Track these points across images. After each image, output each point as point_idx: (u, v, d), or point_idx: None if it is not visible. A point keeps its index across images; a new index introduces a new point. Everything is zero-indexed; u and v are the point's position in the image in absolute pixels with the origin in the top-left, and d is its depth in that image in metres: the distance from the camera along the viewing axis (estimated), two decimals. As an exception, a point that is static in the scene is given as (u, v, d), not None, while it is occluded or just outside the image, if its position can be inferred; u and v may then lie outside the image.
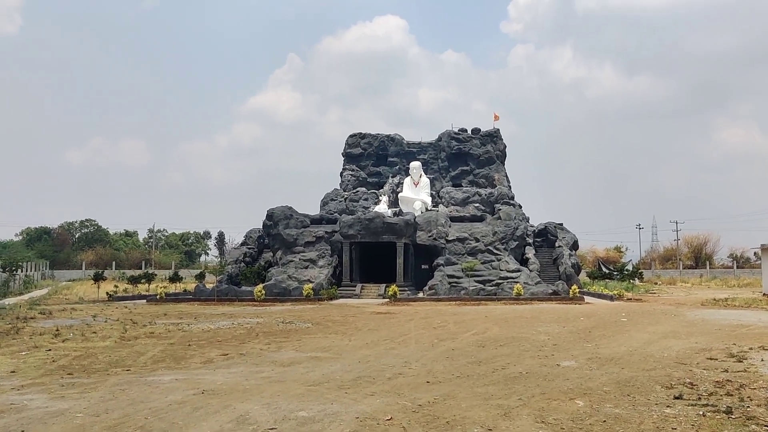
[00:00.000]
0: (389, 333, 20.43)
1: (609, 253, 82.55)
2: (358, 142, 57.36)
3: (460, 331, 21.04)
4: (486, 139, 56.34)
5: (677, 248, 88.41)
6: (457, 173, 55.76)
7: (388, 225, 41.74)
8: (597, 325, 22.75)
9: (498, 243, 42.97)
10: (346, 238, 42.03)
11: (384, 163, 57.11)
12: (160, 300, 37.10)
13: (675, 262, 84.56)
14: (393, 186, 54.10)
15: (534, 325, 22.72)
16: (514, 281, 39.29)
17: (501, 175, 54.89)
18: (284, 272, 41.64)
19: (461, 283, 39.56)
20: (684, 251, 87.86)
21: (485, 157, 55.50)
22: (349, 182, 55.59)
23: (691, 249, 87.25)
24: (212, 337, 19.34)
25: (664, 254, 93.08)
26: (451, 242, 42.83)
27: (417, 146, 57.15)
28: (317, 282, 39.78)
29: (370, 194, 53.07)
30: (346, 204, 52.31)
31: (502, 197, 51.19)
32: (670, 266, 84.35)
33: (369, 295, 39.14)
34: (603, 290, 41.29)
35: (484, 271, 40.86)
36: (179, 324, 23.36)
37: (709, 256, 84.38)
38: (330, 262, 42.67)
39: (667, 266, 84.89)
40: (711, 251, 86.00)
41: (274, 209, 45.57)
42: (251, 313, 28.92)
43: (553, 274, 44.61)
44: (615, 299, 36.85)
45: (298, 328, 21.94)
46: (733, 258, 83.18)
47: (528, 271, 41.73)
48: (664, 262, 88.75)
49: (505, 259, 42.04)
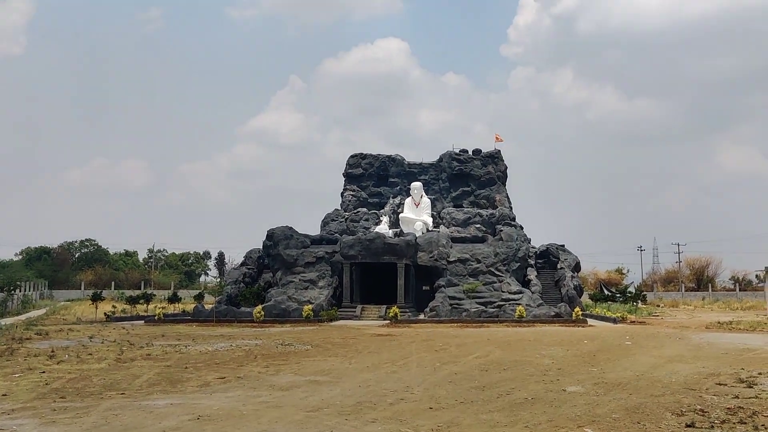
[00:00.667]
0: (390, 356, 20.13)
1: (610, 275, 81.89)
2: (359, 162, 57.42)
3: (462, 354, 20.75)
4: (487, 160, 56.36)
5: (679, 270, 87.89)
6: (459, 194, 55.71)
7: (389, 246, 41.54)
8: (601, 349, 22.47)
9: (500, 264, 42.76)
10: (347, 258, 41.77)
11: (385, 183, 57.09)
12: (158, 321, 36.74)
13: (677, 285, 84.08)
14: (394, 206, 54.01)
15: (537, 348, 22.44)
16: (516, 303, 39.04)
17: (502, 196, 54.83)
18: (284, 293, 41.42)
19: (463, 304, 39.34)
20: (686, 273, 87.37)
21: (486, 178, 55.50)
22: (349, 202, 55.55)
23: (692, 271, 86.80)
24: (210, 360, 19.02)
25: (666, 276, 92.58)
26: (452, 263, 42.62)
27: (418, 167, 57.19)
28: (317, 303, 39.53)
29: (370, 215, 52.96)
30: (346, 224, 52.20)
31: (504, 218, 51.19)
32: (672, 288, 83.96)
33: (369, 317, 38.84)
34: (606, 313, 40.89)
35: (486, 293, 40.67)
36: (177, 346, 23.04)
37: (711, 279, 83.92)
38: (330, 282, 42.43)
39: (669, 288, 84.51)
40: (713, 273, 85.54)
41: (275, 229, 45.45)
42: (250, 334, 28.65)
43: (555, 296, 44.28)
44: (618, 322, 36.59)
45: (298, 351, 21.65)
46: (735, 281, 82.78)
47: (530, 293, 41.48)
48: (666, 284, 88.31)
49: (506, 280, 41.83)
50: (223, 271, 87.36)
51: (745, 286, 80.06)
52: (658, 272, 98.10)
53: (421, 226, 49.58)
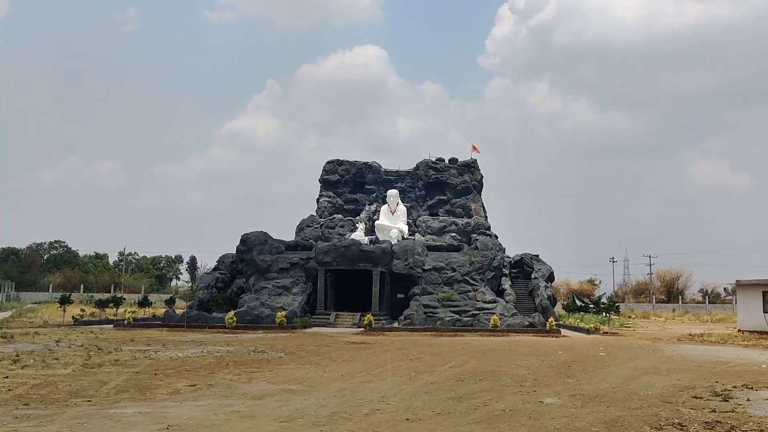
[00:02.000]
0: (365, 364, 19.92)
1: (583, 285, 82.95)
2: (335, 168, 57.45)
3: (437, 363, 20.58)
4: (463, 169, 56.62)
5: (650, 282, 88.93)
6: (434, 202, 55.85)
7: (365, 252, 41.42)
8: (576, 359, 22.45)
9: (474, 273, 42.78)
10: (322, 265, 41.61)
11: (361, 190, 57.11)
12: (127, 325, 36.38)
13: (648, 296, 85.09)
14: (370, 213, 54.01)
15: (512, 358, 22.36)
16: (490, 312, 39.06)
17: (478, 205, 55.04)
18: (257, 299, 41.16)
19: (437, 313, 39.31)
20: (657, 285, 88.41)
21: (462, 187, 55.72)
22: (325, 209, 55.45)
23: (663, 283, 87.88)
24: (180, 366, 18.65)
25: (637, 288, 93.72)
26: (427, 271, 42.59)
27: (394, 174, 57.33)
28: (291, 309, 39.31)
29: (346, 221, 52.98)
30: (322, 230, 52.12)
31: (479, 227, 51.34)
32: (643, 300, 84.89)
33: (344, 324, 38.73)
34: (579, 323, 41.23)
35: (461, 302, 40.63)
36: (146, 351, 22.60)
37: (681, 291, 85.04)
38: (304, 289, 42.27)
39: (641, 300, 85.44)
40: (683, 286, 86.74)
41: (249, 234, 45.21)
42: (222, 340, 28.35)
43: (529, 305, 44.38)
44: (592, 332, 36.75)
45: (270, 358, 21.36)
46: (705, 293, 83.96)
47: (504, 302, 41.50)
48: (637, 295, 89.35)
49: (481, 289, 41.80)
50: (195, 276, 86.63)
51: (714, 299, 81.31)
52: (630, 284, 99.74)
53: (396, 233, 49.67)
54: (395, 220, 51.66)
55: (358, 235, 46.66)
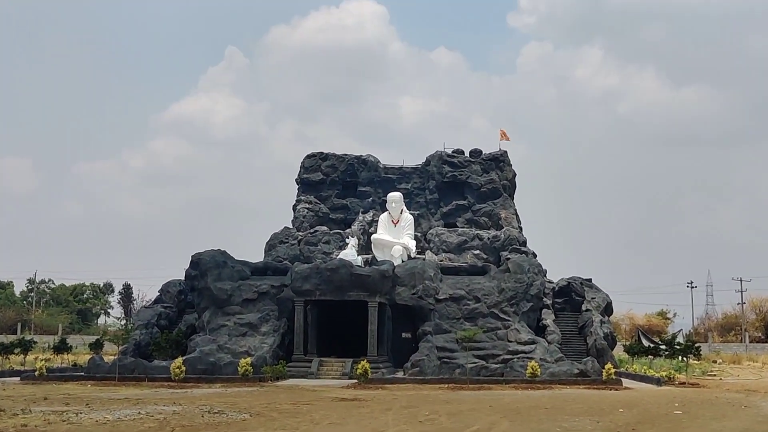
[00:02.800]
0: (358, 429, 19.80)
1: (651, 319, 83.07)
2: (318, 164, 57.56)
3: (456, 427, 20.50)
4: (489, 164, 56.73)
5: (742, 314, 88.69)
6: (451, 209, 55.90)
7: (357, 278, 41.30)
8: (643, 420, 22.42)
9: (506, 304, 42.77)
10: (300, 294, 41.56)
11: (353, 193, 57.12)
12: (39, 378, 36.14)
13: (739, 333, 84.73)
14: (364, 225, 54.15)
15: (557, 420, 22.27)
16: (527, 357, 39.10)
17: (509, 213, 55.06)
18: (213, 341, 41.20)
19: (456, 358, 39.25)
20: (750, 318, 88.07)
21: (488, 189, 55.88)
22: (305, 218, 55.55)
23: (760, 316, 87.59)
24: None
25: (724, 322, 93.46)
26: (442, 302, 42.52)
27: (397, 172, 57.49)
28: (258, 355, 39.28)
29: (333, 235, 53.07)
30: (300, 248, 52.31)
31: (511, 242, 51.66)
32: (732, 338, 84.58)
33: (330, 374, 38.89)
34: (646, 371, 41.26)
35: (487, 343, 40.68)
36: (64, 413, 22.40)
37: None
38: (277, 327, 42.18)
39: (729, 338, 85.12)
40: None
41: (202, 254, 45.15)
42: (166, 398, 28.26)
43: (578, 347, 44.66)
44: (663, 383, 36.96)
45: (232, 421, 21.21)
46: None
47: (546, 343, 41.70)
48: (725, 332, 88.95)
49: (515, 326, 41.83)
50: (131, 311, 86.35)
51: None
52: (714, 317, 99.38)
53: (400, 251, 49.56)
54: (398, 234, 51.52)
55: (348, 254, 46.30)
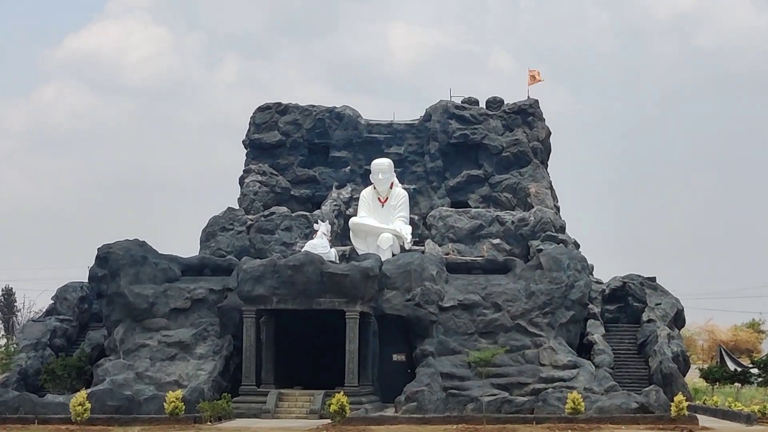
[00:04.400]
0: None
1: (738, 334, 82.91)
2: (274, 120, 55.88)
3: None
4: (514, 118, 55.15)
5: None
6: (461, 181, 54.59)
7: (330, 278, 39.53)
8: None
9: (537, 314, 41.41)
10: (250, 302, 39.81)
11: (323, 160, 55.81)
12: None
13: None
14: (339, 204, 52.87)
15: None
16: (566, 386, 38.01)
17: (541, 187, 53.54)
18: (130, 367, 40.32)
19: (468, 389, 38.31)
20: None
21: (512, 152, 54.26)
22: (256, 196, 54.06)
23: None
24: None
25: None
26: (448, 312, 41.17)
27: (386, 130, 55.92)
28: (193, 387, 38.29)
29: (295, 219, 51.28)
30: (249, 237, 50.87)
31: (544, 227, 50.31)
32: None
33: (293, 412, 37.82)
34: (732, 405, 39.16)
35: (512, 367, 40.04)
36: None
37: None
38: (218, 348, 41.15)
39: None
40: None
41: (112, 246, 43.63)
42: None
43: (638, 372, 43.30)
44: (755, 421, 35.14)
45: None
46: None
47: (592, 366, 40.52)
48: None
49: (549, 344, 40.69)
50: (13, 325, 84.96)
51: None
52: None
53: (390, 240, 48.53)
54: (388, 216, 50.09)
55: (317, 245, 43.32)
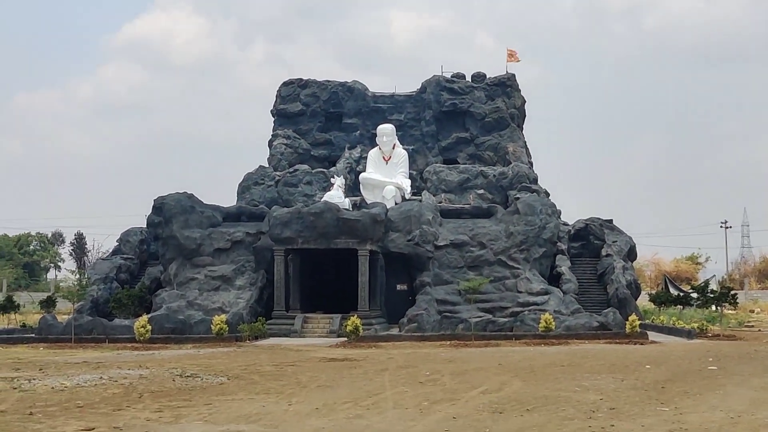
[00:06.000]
0: (351, 392, 20.03)
1: (680, 265, 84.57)
2: (296, 93, 57.74)
3: (461, 387, 20.74)
4: (495, 89, 57.02)
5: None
6: (451, 142, 56.44)
7: (345, 223, 41.61)
8: (673, 377, 22.74)
9: (515, 251, 43.30)
10: (280, 243, 41.84)
11: (337, 126, 57.53)
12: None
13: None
14: (351, 162, 54.53)
15: (576, 378, 22.58)
16: (539, 309, 39.59)
17: (518, 146, 55.43)
18: (182, 297, 41.91)
19: (459, 312, 39.93)
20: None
21: (494, 118, 56.18)
22: (282, 156, 55.85)
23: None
24: (68, 401, 18.62)
25: (762, 267, 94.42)
26: (442, 249, 43.09)
27: (389, 101, 57.70)
28: (234, 312, 39.76)
29: (315, 175, 53.29)
30: (278, 190, 52.72)
31: (521, 179, 51.98)
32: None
33: (316, 332, 39.43)
34: (676, 322, 41.69)
35: (495, 294, 41.50)
36: (15, 380, 22.49)
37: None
38: (254, 280, 42.83)
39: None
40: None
41: (166, 198, 45.34)
42: (131, 360, 28.45)
43: (598, 297, 45.25)
44: (695, 336, 37.39)
45: (207, 385, 21.45)
46: None
47: (561, 293, 42.27)
48: (763, 278, 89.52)
49: (525, 275, 42.48)
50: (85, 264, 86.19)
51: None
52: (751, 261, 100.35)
53: (393, 192, 50.09)
54: (391, 172, 51.90)
55: (334, 196, 46.23)
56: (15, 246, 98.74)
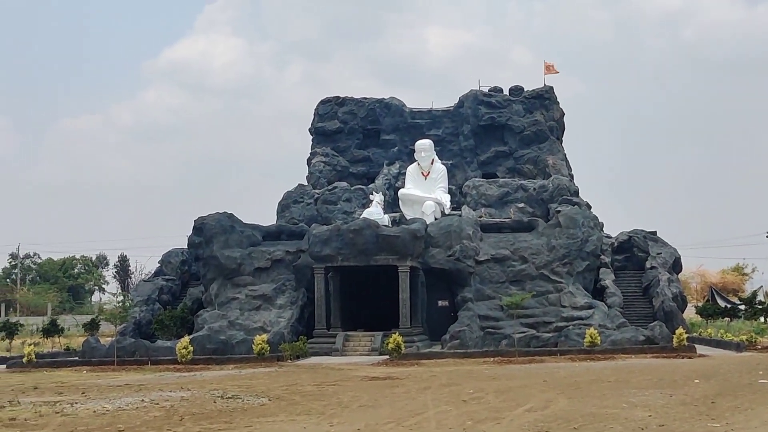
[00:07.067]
0: (393, 412, 19.89)
1: (726, 276, 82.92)
2: (334, 111, 57.75)
3: (506, 406, 20.57)
4: (533, 102, 56.79)
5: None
6: (490, 156, 56.29)
7: (385, 239, 41.58)
8: (723, 392, 22.47)
9: (557, 264, 43.09)
10: (320, 261, 41.87)
11: (375, 142, 57.44)
12: (28, 364, 36.59)
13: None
14: (390, 178, 54.45)
15: (623, 394, 22.35)
16: (584, 324, 39.37)
17: (558, 159, 55.14)
18: (223, 317, 41.94)
19: (502, 328, 39.95)
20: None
21: (532, 131, 56.00)
22: (321, 174, 55.95)
23: None
24: (110, 424, 18.66)
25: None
26: (483, 264, 42.96)
27: (426, 116, 57.47)
28: (275, 331, 39.89)
29: (354, 192, 53.20)
30: (317, 208, 52.55)
31: (561, 192, 51.67)
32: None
33: (357, 351, 39.41)
34: (723, 335, 41.31)
35: (537, 309, 41.18)
36: (57, 404, 22.58)
37: None
38: (294, 299, 42.93)
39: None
40: None
41: (206, 218, 45.65)
42: (173, 382, 28.66)
43: (643, 310, 44.76)
44: (743, 349, 36.97)
45: (248, 407, 21.44)
46: None
47: (605, 307, 41.99)
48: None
49: (569, 289, 42.21)
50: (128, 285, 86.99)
51: None
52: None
53: (432, 207, 49.84)
54: (430, 187, 51.85)
55: (374, 213, 45.97)
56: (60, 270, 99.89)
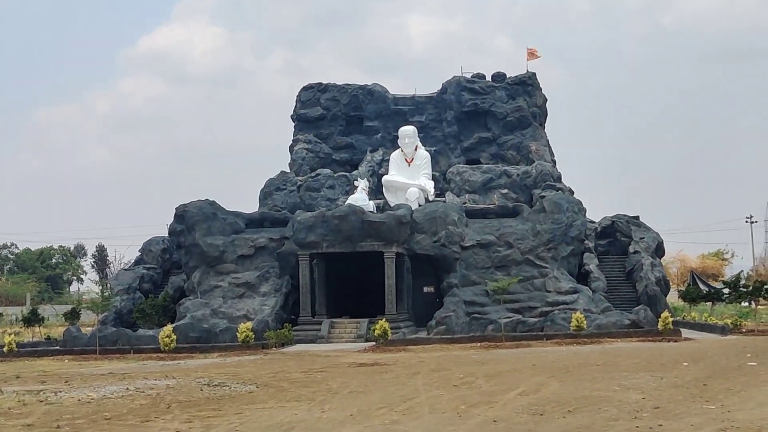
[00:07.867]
0: (385, 397, 19.81)
1: (706, 261, 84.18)
2: (316, 97, 57.87)
3: (497, 390, 20.57)
4: (516, 89, 57.04)
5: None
6: (473, 142, 56.48)
7: (370, 225, 41.55)
8: (713, 374, 22.57)
9: (542, 249, 43.28)
10: (304, 247, 41.89)
11: (358, 129, 57.57)
12: (9, 354, 36.57)
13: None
14: (373, 165, 54.74)
15: (613, 377, 22.49)
16: (569, 308, 39.59)
17: (540, 145, 55.38)
18: (206, 305, 42.04)
19: (488, 313, 40.07)
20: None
21: (515, 117, 56.17)
22: (304, 161, 56.06)
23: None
24: (95, 413, 18.50)
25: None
26: (468, 250, 43.12)
27: (409, 102, 57.73)
28: (259, 319, 39.83)
29: (338, 178, 53.42)
30: (300, 195, 52.74)
31: (544, 178, 51.99)
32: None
33: (343, 337, 39.43)
34: (707, 318, 41.50)
35: (523, 294, 41.50)
36: (40, 392, 22.44)
37: None
38: (278, 286, 42.96)
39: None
40: None
41: (188, 206, 45.60)
42: (157, 370, 28.58)
43: (627, 294, 45.21)
44: (728, 332, 37.18)
45: (235, 394, 21.34)
46: None
47: (590, 291, 42.28)
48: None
49: (554, 274, 42.39)
50: (107, 274, 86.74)
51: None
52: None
53: (417, 193, 50.04)
54: (414, 174, 51.95)
55: (359, 199, 46.37)
56: (38, 260, 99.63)
